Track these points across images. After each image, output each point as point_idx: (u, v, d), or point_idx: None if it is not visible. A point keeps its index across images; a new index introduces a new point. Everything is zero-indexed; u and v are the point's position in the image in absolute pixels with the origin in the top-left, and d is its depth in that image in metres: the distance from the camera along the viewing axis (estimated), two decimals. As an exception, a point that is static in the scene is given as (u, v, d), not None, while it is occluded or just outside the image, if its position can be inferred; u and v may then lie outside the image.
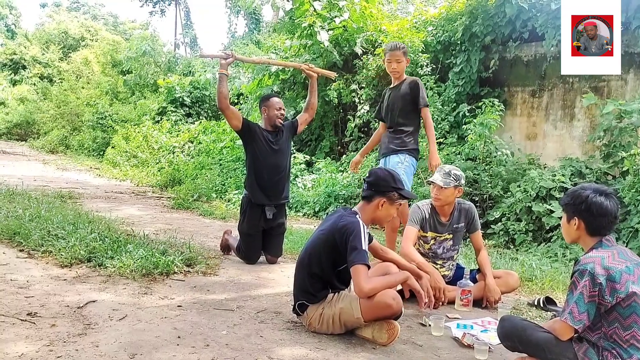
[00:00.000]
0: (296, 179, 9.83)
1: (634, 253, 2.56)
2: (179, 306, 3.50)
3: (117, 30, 39.37)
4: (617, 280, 2.29)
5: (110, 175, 13.02)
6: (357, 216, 3.13)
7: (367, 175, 3.31)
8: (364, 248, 2.98)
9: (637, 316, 2.28)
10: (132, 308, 3.38)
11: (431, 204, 4.11)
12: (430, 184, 4.06)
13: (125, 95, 20.37)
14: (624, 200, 5.64)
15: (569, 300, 2.38)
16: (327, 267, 3.13)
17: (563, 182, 6.26)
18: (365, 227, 3.10)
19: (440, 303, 3.81)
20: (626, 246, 5.26)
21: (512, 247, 6.27)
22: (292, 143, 5.33)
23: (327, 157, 10.87)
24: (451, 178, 3.93)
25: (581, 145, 7.73)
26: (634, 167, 5.62)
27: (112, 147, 15.57)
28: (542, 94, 8.34)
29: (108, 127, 17.46)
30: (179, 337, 2.92)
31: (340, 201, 8.37)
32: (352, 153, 10.49)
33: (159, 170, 12.48)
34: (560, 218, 2.89)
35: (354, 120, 10.57)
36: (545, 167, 7.32)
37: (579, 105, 7.83)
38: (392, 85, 5.00)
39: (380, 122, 5.20)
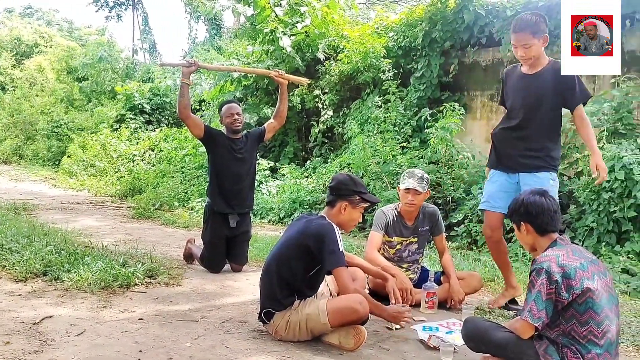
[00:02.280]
0: (260, 185, 9.76)
1: (587, 251, 2.66)
2: (140, 319, 3.40)
3: (72, 36, 38.39)
4: (572, 277, 2.35)
5: (66, 186, 12.69)
6: (328, 220, 3.15)
7: (330, 180, 3.31)
8: (341, 250, 3.03)
9: (592, 312, 2.34)
10: (90, 322, 3.27)
11: (396, 209, 4.12)
12: (406, 191, 3.97)
13: (82, 102, 19.94)
14: (579, 200, 5.79)
15: (527, 299, 2.43)
16: (298, 273, 3.11)
17: (522, 183, 6.38)
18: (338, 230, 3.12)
19: (408, 304, 3.83)
20: (582, 244, 5.42)
21: (474, 248, 6.35)
22: (257, 151, 5.25)
23: (292, 163, 10.85)
24: (424, 182, 3.96)
25: (539, 148, 7.90)
26: (588, 168, 5.76)
27: (68, 157, 15.20)
28: (501, 98, 8.50)
29: (64, 136, 17.05)
30: (140, 351, 2.83)
31: (305, 207, 8.35)
32: (316, 158, 10.51)
33: (118, 180, 12.22)
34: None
35: (317, 125, 10.58)
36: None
37: (535, 109, 8.00)
38: (525, 71, 3.76)
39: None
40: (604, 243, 5.33)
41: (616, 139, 6.01)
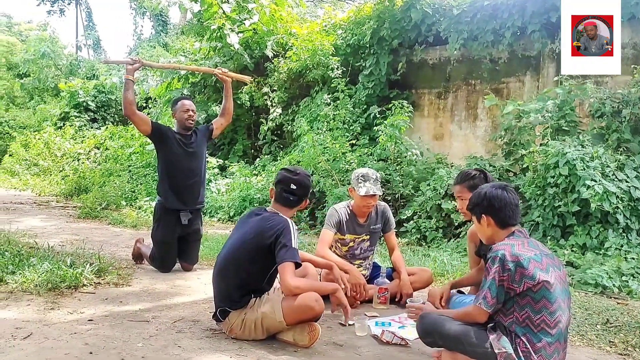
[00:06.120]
0: (210, 183, 9.65)
1: (544, 245, 2.74)
2: (89, 320, 3.31)
3: (12, 31, 36.75)
4: (525, 267, 2.42)
5: (8, 185, 12.33)
6: (284, 216, 3.15)
7: (293, 185, 3.23)
8: (294, 246, 3.00)
9: (546, 301, 2.42)
10: (37, 325, 3.16)
11: (348, 207, 4.14)
12: (366, 196, 3.94)
13: (23, 100, 19.32)
14: (525, 195, 5.97)
15: (483, 285, 2.50)
16: (255, 274, 3.10)
17: (469, 179, 6.55)
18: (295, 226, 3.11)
19: (363, 298, 3.88)
20: (529, 239, 5.59)
21: (424, 244, 6.48)
22: (206, 148, 5.19)
23: (241, 161, 10.78)
24: (379, 182, 4.01)
25: (484, 144, 8.15)
26: (533, 164, 5.97)
27: (10, 155, 14.81)
28: (447, 96, 8.72)
29: (4, 134, 16.59)
30: (90, 353, 2.76)
31: (255, 205, 8.31)
32: (266, 156, 10.48)
33: (62, 179, 11.90)
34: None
35: (267, 123, 10.55)
36: (452, 166, 7.63)
37: (481, 106, 8.25)
38: None
39: None
40: (549, 237, 5.50)
41: (560, 135, 6.21)
